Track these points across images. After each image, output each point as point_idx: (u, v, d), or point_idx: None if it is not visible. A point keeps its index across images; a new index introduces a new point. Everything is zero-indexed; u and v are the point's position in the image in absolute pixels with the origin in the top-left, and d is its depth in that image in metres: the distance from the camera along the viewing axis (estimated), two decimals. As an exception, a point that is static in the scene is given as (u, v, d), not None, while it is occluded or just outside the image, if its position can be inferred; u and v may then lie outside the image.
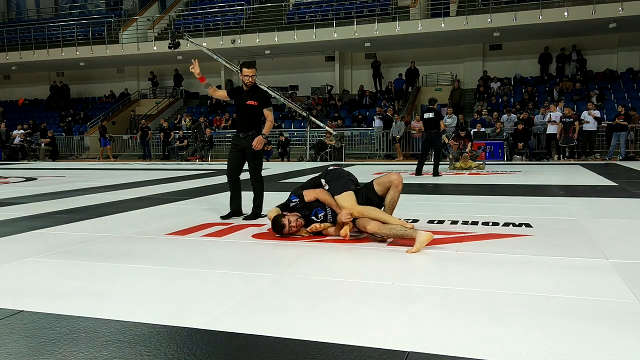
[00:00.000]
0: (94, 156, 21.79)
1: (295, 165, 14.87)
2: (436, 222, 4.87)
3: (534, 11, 17.74)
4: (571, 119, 15.01)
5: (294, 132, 20.07)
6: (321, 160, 17.11)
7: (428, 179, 9.66)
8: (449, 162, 12.71)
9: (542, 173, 10.58)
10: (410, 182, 9.05)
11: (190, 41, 19.22)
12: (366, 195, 4.16)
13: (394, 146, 17.88)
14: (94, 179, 10.79)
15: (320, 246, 3.93)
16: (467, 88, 21.24)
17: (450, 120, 16.26)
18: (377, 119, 18.50)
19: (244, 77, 5.02)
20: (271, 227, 4.21)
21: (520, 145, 15.81)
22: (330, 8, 21.06)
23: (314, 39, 20.20)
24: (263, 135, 5.08)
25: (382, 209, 4.16)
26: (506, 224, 4.65)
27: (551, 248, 3.71)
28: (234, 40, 21.05)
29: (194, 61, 5.16)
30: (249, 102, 5.06)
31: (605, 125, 15.84)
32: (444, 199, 6.90)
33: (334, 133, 17.49)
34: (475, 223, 4.74)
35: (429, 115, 10.05)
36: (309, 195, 4.17)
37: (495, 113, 17.39)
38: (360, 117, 19.89)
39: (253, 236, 4.34)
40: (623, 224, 4.67)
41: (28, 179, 11.00)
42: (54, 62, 24.64)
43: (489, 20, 18.08)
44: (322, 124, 18.36)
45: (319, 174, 4.44)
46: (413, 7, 19.82)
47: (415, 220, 4.89)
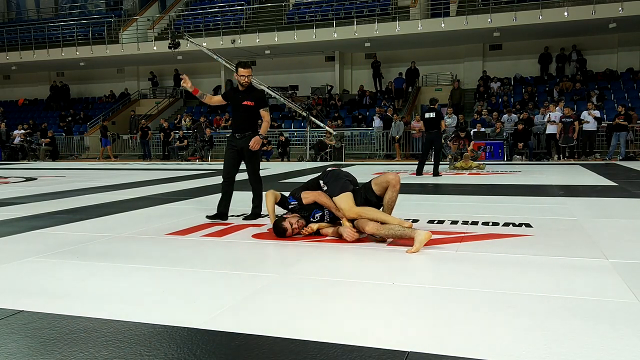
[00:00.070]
0: (94, 156, 21.79)
1: (295, 165, 14.86)
2: (436, 222, 4.86)
3: (534, 11, 17.74)
4: (571, 119, 15.01)
5: (294, 132, 20.07)
6: (321, 160, 17.10)
7: (428, 179, 9.66)
8: (448, 162, 12.72)
9: (542, 173, 10.57)
10: (410, 182, 9.06)
11: (190, 41, 19.22)
12: (364, 195, 4.16)
13: (394, 146, 17.88)
14: (94, 179, 10.79)
15: (320, 246, 3.93)
16: (467, 88, 21.24)
17: (450, 120, 16.26)
18: (377, 119, 18.51)
19: (240, 77, 5.00)
20: (274, 232, 4.22)
21: (520, 145, 15.81)
22: (330, 8, 21.06)
23: (314, 39, 20.20)
24: (260, 136, 5.08)
25: (380, 209, 4.16)
26: (506, 224, 4.65)
27: (551, 248, 3.71)
28: (234, 40, 21.05)
29: (184, 76, 5.07)
30: (246, 102, 5.04)
31: (605, 125, 15.85)
32: (444, 199, 6.90)
33: (334, 133, 17.49)
34: (475, 223, 4.74)
35: (430, 115, 10.03)
36: (307, 199, 4.18)
37: (495, 113, 17.39)
38: (360, 117, 19.89)
39: (253, 236, 4.34)
40: (623, 224, 4.67)
41: (28, 179, 11.00)
42: (54, 62, 24.64)
43: (489, 20, 18.08)
44: (322, 124, 18.35)
45: (318, 174, 4.44)
46: (413, 7, 19.82)
47: (416, 220, 4.89)
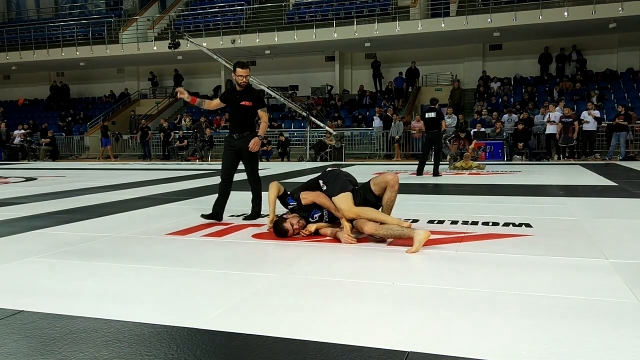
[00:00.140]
0: (94, 156, 21.79)
1: (295, 165, 14.86)
2: (436, 222, 4.86)
3: (534, 11, 17.75)
4: (571, 119, 15.01)
5: (294, 132, 20.07)
6: (321, 160, 17.10)
7: (428, 179, 9.66)
8: (448, 163, 12.71)
9: (542, 173, 10.57)
10: (410, 182, 9.06)
11: (190, 41, 19.23)
12: (363, 195, 4.16)
13: (394, 146, 17.88)
14: (94, 179, 10.79)
15: (320, 246, 3.93)
16: (467, 88, 21.25)
17: (450, 120, 16.27)
18: (377, 119, 18.51)
19: (238, 77, 4.98)
20: (274, 232, 4.22)
21: (520, 145, 15.81)
22: (330, 8, 21.06)
23: (314, 39, 20.20)
24: (259, 137, 5.07)
25: (379, 209, 4.16)
26: (506, 224, 4.65)
27: (551, 248, 3.71)
28: (234, 40, 21.05)
29: (179, 90, 5.08)
30: (244, 102, 5.02)
31: (605, 125, 15.85)
32: (444, 199, 6.90)
33: (334, 133, 17.49)
34: (475, 223, 4.74)
35: (431, 115, 10.02)
36: (306, 199, 4.18)
37: (495, 113, 17.39)
38: (360, 117, 19.89)
39: (253, 236, 4.34)
40: (623, 224, 4.67)
41: (28, 179, 10.99)
42: (54, 62, 24.65)
43: (489, 20, 18.09)
44: (322, 124, 18.35)
45: (317, 174, 4.44)
46: (413, 7, 19.82)
47: (415, 220, 4.89)
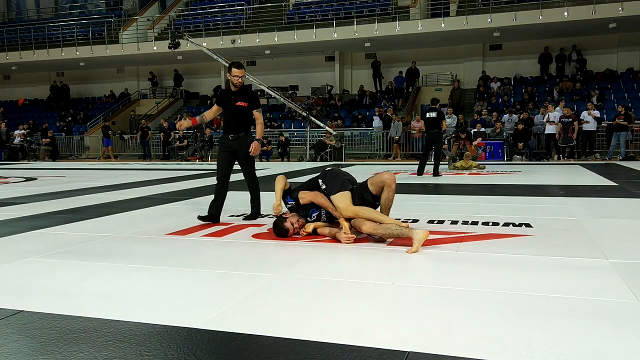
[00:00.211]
0: (94, 156, 21.80)
1: (295, 165, 14.86)
2: (436, 222, 4.86)
3: (534, 11, 17.75)
4: (570, 119, 15.01)
5: (294, 132, 20.07)
6: (321, 160, 17.10)
7: (428, 179, 9.65)
8: (447, 163, 12.71)
9: (542, 173, 10.57)
10: (410, 182, 9.06)
11: (190, 41, 19.23)
12: (361, 194, 4.16)
13: (393, 146, 17.89)
14: (94, 179, 10.79)
15: (320, 246, 3.93)
16: (467, 88, 21.25)
17: (450, 120, 16.26)
18: (377, 119, 18.51)
19: (234, 77, 4.95)
20: (274, 232, 4.22)
21: (520, 145, 15.81)
22: (330, 8, 21.06)
23: (314, 39, 20.20)
24: (258, 140, 5.07)
25: (377, 208, 4.16)
26: (506, 224, 4.65)
27: (551, 248, 3.71)
28: (234, 40, 21.05)
29: (178, 123, 5.15)
30: (239, 103, 5.00)
31: (605, 125, 15.84)
32: (444, 199, 6.90)
33: (334, 133, 17.49)
34: (475, 223, 4.74)
35: (432, 114, 10.01)
36: (304, 199, 4.18)
37: (495, 113, 17.39)
38: (360, 117, 19.89)
39: (253, 236, 4.34)
40: (623, 224, 4.67)
41: (28, 179, 10.99)
42: (54, 62, 24.65)
43: (489, 20, 18.09)
44: (322, 124, 18.35)
45: (317, 174, 4.44)
46: (413, 7, 19.83)
47: (416, 220, 4.89)
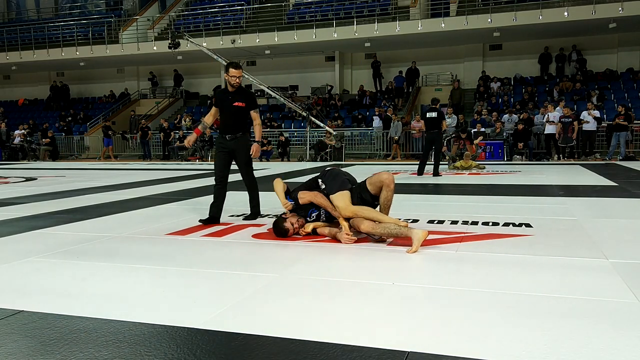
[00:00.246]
0: (93, 156, 21.80)
1: (295, 165, 14.86)
2: (436, 222, 4.86)
3: (534, 11, 17.75)
4: (570, 119, 15.01)
5: (294, 132, 20.07)
6: (321, 160, 17.10)
7: (428, 179, 9.65)
8: (447, 163, 12.71)
9: (542, 173, 10.57)
10: (410, 182, 9.06)
11: (190, 41, 19.23)
12: (359, 194, 4.16)
13: (393, 146, 17.89)
14: (94, 179, 10.79)
15: (320, 246, 3.93)
16: (467, 88, 21.25)
17: (450, 120, 16.27)
18: (377, 119, 18.51)
19: (231, 77, 4.92)
20: (274, 232, 4.22)
21: (520, 145, 15.80)
22: (330, 8, 21.06)
23: (314, 39, 20.20)
24: (258, 142, 5.10)
25: (376, 208, 4.16)
26: (506, 224, 4.65)
27: (551, 248, 3.71)
28: (234, 40, 21.05)
29: (186, 141, 5.22)
30: (237, 103, 4.98)
31: (605, 125, 15.84)
32: (444, 199, 6.90)
33: (334, 133, 17.48)
34: (475, 223, 4.74)
35: (432, 114, 10.01)
36: (304, 199, 4.18)
37: (495, 113, 17.39)
38: (360, 117, 19.89)
39: (253, 236, 4.34)
40: (623, 224, 4.67)
41: (28, 179, 10.99)
42: (54, 62, 24.65)
43: (489, 20, 18.09)
44: (322, 124, 18.35)
45: (317, 174, 4.44)
46: (413, 7, 19.83)
47: (416, 220, 4.89)
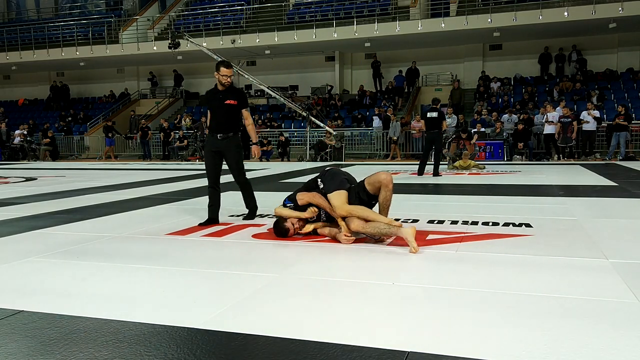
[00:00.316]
0: (93, 156, 21.80)
1: (295, 165, 14.86)
2: (436, 222, 4.86)
3: (534, 11, 17.74)
4: (569, 119, 15.00)
5: (294, 132, 20.07)
6: (321, 160, 17.10)
7: (428, 179, 9.65)
8: (447, 163, 12.71)
9: (542, 173, 10.57)
10: (410, 182, 9.06)
11: (190, 41, 19.23)
12: (358, 194, 4.16)
13: (392, 146, 17.89)
14: (94, 179, 10.79)
15: (320, 246, 3.93)
16: (467, 88, 21.24)
17: (450, 120, 16.26)
18: (377, 119, 18.51)
19: (222, 76, 4.88)
20: (275, 232, 4.22)
21: (520, 145, 15.80)
22: (330, 8, 21.06)
23: (314, 39, 20.20)
24: (256, 144, 5.15)
25: (373, 207, 4.17)
26: (506, 224, 4.65)
27: (551, 248, 3.71)
28: (234, 40, 21.05)
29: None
30: (228, 101, 4.94)
31: (605, 125, 15.84)
32: (444, 199, 6.90)
33: (334, 133, 17.48)
34: (475, 223, 4.74)
35: (433, 114, 10.01)
36: (302, 200, 4.19)
37: (495, 113, 17.38)
38: (360, 117, 19.89)
39: (253, 236, 4.35)
40: (623, 224, 4.67)
41: (28, 179, 10.99)
42: (54, 62, 24.64)
43: (489, 20, 18.08)
44: (322, 124, 18.35)
45: (316, 174, 4.44)
46: (413, 7, 19.82)
47: (416, 220, 4.90)
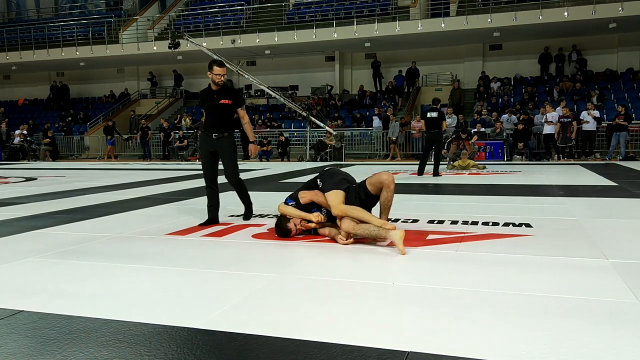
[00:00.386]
0: (93, 156, 21.80)
1: (295, 165, 14.86)
2: (436, 222, 4.86)
3: (534, 11, 17.74)
4: (569, 119, 15.00)
5: (294, 132, 20.07)
6: (321, 160, 17.10)
7: (428, 179, 9.65)
8: (446, 163, 12.70)
9: (542, 173, 10.57)
10: (410, 182, 9.06)
11: (190, 41, 19.23)
12: (358, 194, 4.16)
13: (391, 146, 17.88)
14: (94, 179, 10.79)
15: (320, 246, 3.93)
16: (467, 88, 21.24)
17: (450, 120, 16.25)
18: (376, 119, 18.51)
19: (216, 75, 4.82)
20: (277, 232, 4.22)
21: (520, 145, 15.80)
22: (330, 8, 21.05)
23: (314, 39, 20.20)
24: (253, 143, 5.13)
25: (372, 208, 4.18)
26: (506, 224, 4.65)
27: (551, 248, 3.71)
28: (234, 40, 21.05)
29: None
30: (223, 101, 4.89)
31: (605, 125, 15.84)
32: (444, 199, 6.90)
33: (334, 133, 17.48)
34: (475, 223, 4.74)
35: (433, 114, 10.01)
36: (304, 198, 4.19)
37: (495, 113, 17.38)
38: (360, 117, 19.89)
39: (253, 236, 4.35)
40: (623, 224, 4.67)
41: (28, 179, 10.99)
42: (54, 62, 24.64)
43: (489, 20, 18.08)
44: (322, 124, 18.35)
45: (317, 174, 4.44)
46: (413, 7, 19.82)
47: (416, 220, 4.90)
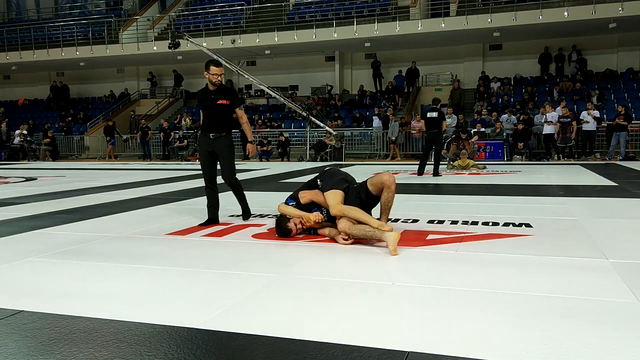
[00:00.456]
0: (93, 156, 21.81)
1: (295, 165, 14.86)
2: (436, 222, 4.86)
3: (534, 11, 17.74)
4: (569, 119, 15.00)
5: (294, 132, 20.07)
6: (321, 160, 17.10)
7: (428, 179, 9.65)
8: (446, 163, 12.70)
9: (542, 173, 10.57)
10: (410, 182, 9.06)
11: (190, 41, 19.23)
12: (359, 194, 4.16)
13: (390, 147, 17.89)
14: (94, 179, 10.79)
15: (320, 246, 3.93)
16: (467, 88, 21.24)
17: (450, 120, 16.25)
18: (376, 119, 18.50)
19: (212, 75, 4.80)
20: (277, 232, 4.22)
21: (520, 145, 15.79)
22: (330, 8, 21.06)
23: (314, 39, 20.20)
24: (251, 142, 5.14)
25: (372, 208, 4.18)
26: (506, 224, 4.65)
27: (551, 248, 3.71)
28: (234, 40, 21.05)
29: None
30: (220, 101, 4.88)
31: (605, 125, 15.84)
32: (444, 199, 6.90)
33: (334, 133, 17.48)
34: (475, 223, 4.74)
35: (433, 114, 10.01)
36: (305, 198, 4.19)
37: (495, 113, 17.38)
38: (359, 117, 19.89)
39: (253, 236, 4.35)
40: (623, 224, 4.67)
41: (28, 179, 10.99)
42: (54, 62, 24.64)
43: (489, 20, 18.08)
44: (322, 124, 18.35)
45: (317, 174, 4.45)
46: (413, 7, 19.82)
47: (416, 220, 4.90)
